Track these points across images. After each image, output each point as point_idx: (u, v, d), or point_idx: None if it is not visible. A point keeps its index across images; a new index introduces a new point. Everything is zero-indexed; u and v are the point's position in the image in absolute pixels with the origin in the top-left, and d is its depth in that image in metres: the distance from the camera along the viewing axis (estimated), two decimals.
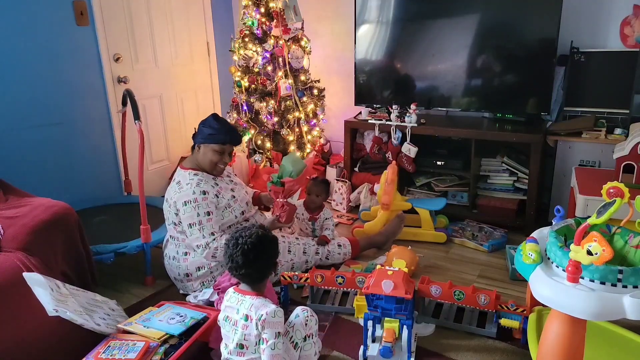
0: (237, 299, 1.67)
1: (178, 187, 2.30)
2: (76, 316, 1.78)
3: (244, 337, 1.61)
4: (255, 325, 1.59)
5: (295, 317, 1.73)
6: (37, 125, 2.97)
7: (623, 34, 2.93)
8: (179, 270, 2.36)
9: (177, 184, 2.32)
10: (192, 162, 2.39)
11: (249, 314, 1.60)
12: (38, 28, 2.90)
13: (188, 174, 2.33)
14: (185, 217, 2.25)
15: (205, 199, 2.26)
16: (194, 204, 2.24)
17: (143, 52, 3.56)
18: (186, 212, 2.25)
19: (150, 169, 3.73)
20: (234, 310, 1.66)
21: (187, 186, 2.28)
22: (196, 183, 2.28)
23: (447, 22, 3.21)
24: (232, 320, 1.66)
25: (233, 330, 1.65)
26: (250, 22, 3.39)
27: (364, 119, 3.45)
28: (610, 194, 1.38)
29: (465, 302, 2.02)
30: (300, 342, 1.70)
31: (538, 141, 2.84)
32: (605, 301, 1.27)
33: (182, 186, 2.29)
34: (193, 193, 2.25)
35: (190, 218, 2.25)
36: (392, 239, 2.85)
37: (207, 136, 2.33)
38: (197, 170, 2.35)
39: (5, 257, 1.86)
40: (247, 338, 1.61)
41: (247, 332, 1.60)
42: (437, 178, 3.36)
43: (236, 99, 3.55)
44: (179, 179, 2.34)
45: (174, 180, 2.37)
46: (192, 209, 2.24)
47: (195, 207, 2.24)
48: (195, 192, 2.26)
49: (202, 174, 2.35)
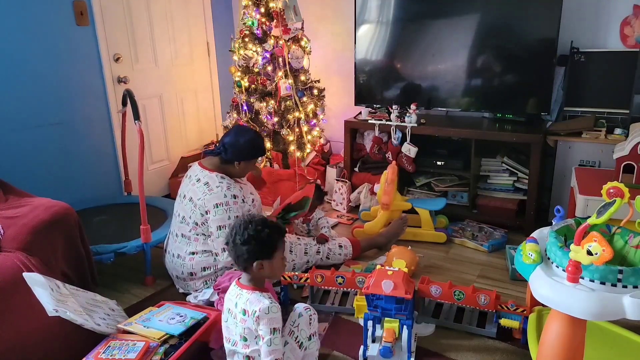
0: (236, 292, 1.67)
1: (207, 188, 2.30)
2: (76, 316, 1.78)
3: (244, 331, 1.61)
4: (252, 320, 1.59)
5: (299, 316, 1.73)
6: (37, 125, 2.97)
7: (623, 34, 2.93)
8: (183, 269, 2.36)
9: (205, 185, 2.31)
10: (217, 167, 2.38)
11: (246, 308, 1.60)
12: (38, 28, 2.90)
13: (215, 176, 2.33)
14: (216, 219, 2.26)
15: (236, 202, 2.29)
16: (225, 207, 2.26)
17: (143, 52, 3.56)
18: (217, 215, 2.26)
19: (150, 169, 3.72)
20: (233, 304, 1.66)
21: (217, 189, 2.28)
22: (226, 187, 2.30)
23: (447, 22, 3.21)
24: (233, 313, 1.66)
25: (234, 323, 1.65)
26: (250, 22, 3.38)
27: (364, 119, 3.45)
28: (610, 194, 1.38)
29: (465, 302, 2.02)
30: (305, 341, 1.70)
31: (538, 141, 2.84)
32: (605, 301, 1.27)
33: (211, 188, 2.29)
34: (225, 196, 2.27)
35: (220, 220, 2.26)
36: (393, 240, 2.85)
37: (252, 153, 2.39)
38: (223, 174, 2.36)
39: (5, 257, 1.86)
40: (247, 332, 1.61)
41: (245, 326, 1.60)
42: (437, 178, 3.36)
43: (236, 99, 3.55)
44: (207, 181, 2.32)
45: (200, 181, 2.33)
46: (224, 212, 2.25)
47: (227, 210, 2.26)
48: (227, 195, 2.27)
49: (228, 178, 2.36)
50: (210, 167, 2.37)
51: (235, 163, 2.37)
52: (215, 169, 2.36)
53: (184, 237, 2.38)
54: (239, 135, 2.38)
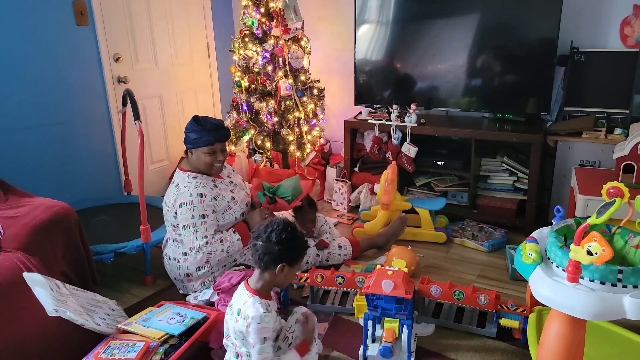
0: (240, 291, 1.66)
1: (176, 189, 2.31)
2: (76, 316, 1.78)
3: (235, 330, 1.61)
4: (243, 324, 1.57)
5: (295, 322, 1.72)
6: (37, 125, 2.97)
7: (623, 34, 2.93)
8: (179, 271, 2.36)
9: (176, 186, 2.33)
10: (190, 165, 2.39)
11: (242, 310, 1.59)
12: (38, 28, 2.90)
13: (187, 176, 2.34)
14: (181, 218, 2.27)
15: (202, 201, 2.26)
16: (189, 205, 2.25)
17: (143, 52, 3.56)
18: (181, 214, 2.26)
19: (150, 169, 3.73)
20: (235, 301, 1.65)
21: (185, 188, 2.28)
22: (194, 186, 2.28)
23: (447, 22, 3.21)
24: (232, 309, 1.65)
25: (231, 319, 1.64)
26: (250, 22, 3.38)
27: (364, 119, 3.45)
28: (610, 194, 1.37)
29: (465, 302, 2.02)
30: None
31: (538, 141, 2.84)
32: (605, 301, 1.27)
33: (180, 188, 2.30)
34: (190, 195, 2.26)
35: (184, 220, 2.26)
36: (393, 240, 2.84)
37: (193, 141, 2.32)
38: (196, 173, 2.35)
39: (5, 257, 1.86)
40: (237, 332, 1.60)
41: (236, 326, 1.59)
42: (437, 178, 3.36)
43: (236, 99, 3.55)
44: (178, 182, 2.34)
45: (173, 183, 2.37)
46: (187, 211, 2.25)
47: (191, 209, 2.25)
48: (193, 194, 2.26)
49: (200, 177, 2.34)
50: (186, 167, 2.39)
51: (189, 152, 2.37)
52: (188, 169, 2.37)
53: (174, 240, 2.40)
54: (186, 126, 2.36)
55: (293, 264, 1.65)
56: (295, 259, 1.66)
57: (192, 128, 2.32)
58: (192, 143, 2.32)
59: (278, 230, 1.61)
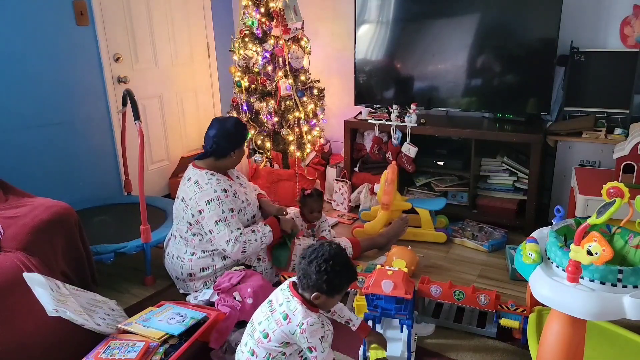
0: (287, 296, 1.62)
1: (197, 186, 2.29)
2: (76, 316, 1.78)
3: (272, 331, 1.58)
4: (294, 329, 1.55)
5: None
6: (37, 125, 2.97)
7: (623, 34, 2.93)
8: (182, 270, 2.36)
9: (195, 183, 2.30)
10: (209, 165, 2.36)
11: (290, 316, 1.57)
12: (38, 28, 2.89)
13: (205, 173, 2.33)
14: (211, 215, 2.25)
15: (227, 196, 2.28)
16: (217, 201, 2.25)
17: (143, 52, 3.56)
18: (211, 210, 2.24)
19: (150, 169, 3.72)
20: (278, 303, 1.62)
21: (207, 185, 2.28)
22: (215, 182, 2.29)
23: (447, 22, 3.21)
24: (273, 308, 1.62)
25: (267, 317, 1.61)
26: (250, 22, 3.38)
27: (364, 119, 3.45)
28: (610, 194, 1.38)
29: (465, 302, 2.02)
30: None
31: (538, 141, 2.84)
32: (605, 301, 1.27)
33: (201, 185, 2.28)
34: (215, 192, 2.26)
35: (216, 215, 2.24)
36: (394, 240, 2.85)
37: (242, 139, 2.39)
38: (214, 171, 2.35)
39: (5, 257, 1.86)
40: (277, 333, 1.57)
41: (280, 329, 1.57)
42: (437, 178, 3.36)
43: (236, 99, 3.54)
44: (197, 179, 2.31)
45: (190, 180, 2.33)
46: (217, 207, 2.24)
47: (220, 204, 2.25)
48: (217, 190, 2.27)
49: (218, 175, 2.35)
50: (202, 165, 2.37)
51: (230, 154, 2.37)
52: (206, 167, 2.36)
53: (182, 238, 2.38)
54: (224, 122, 2.36)
55: (331, 295, 1.59)
56: (332, 291, 1.58)
57: (242, 126, 2.39)
58: (240, 142, 2.39)
59: (322, 259, 1.54)
